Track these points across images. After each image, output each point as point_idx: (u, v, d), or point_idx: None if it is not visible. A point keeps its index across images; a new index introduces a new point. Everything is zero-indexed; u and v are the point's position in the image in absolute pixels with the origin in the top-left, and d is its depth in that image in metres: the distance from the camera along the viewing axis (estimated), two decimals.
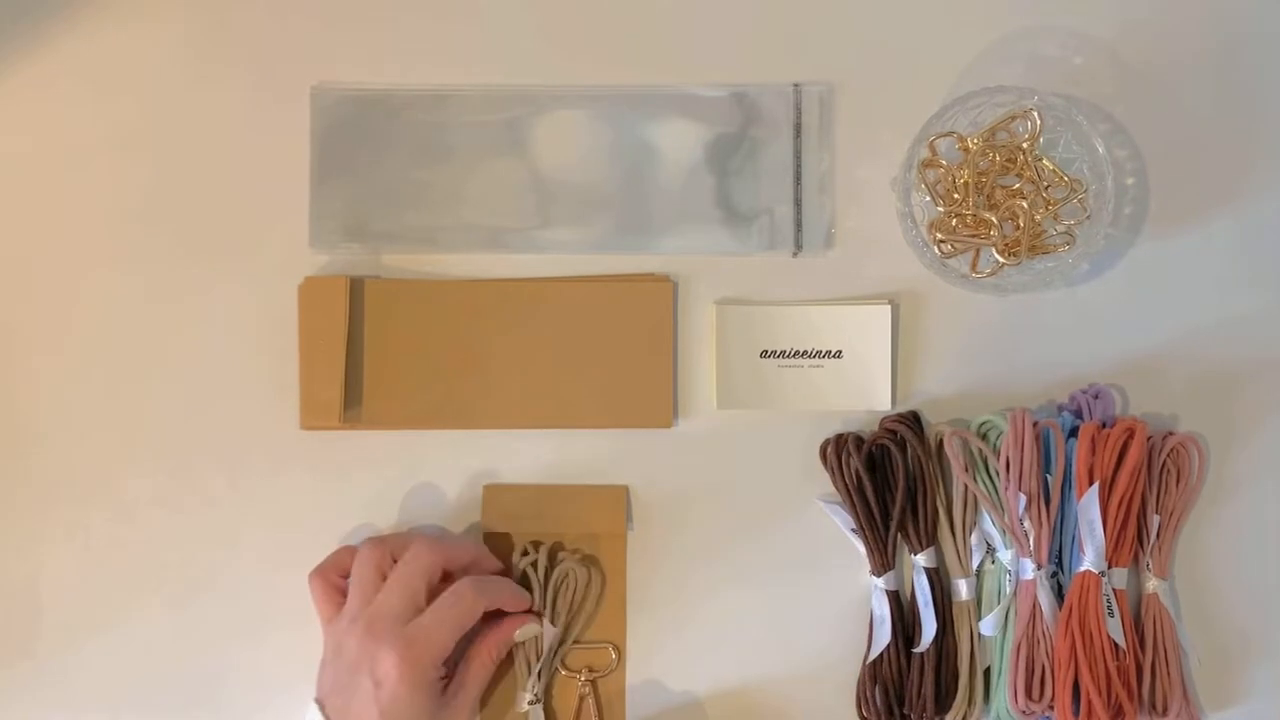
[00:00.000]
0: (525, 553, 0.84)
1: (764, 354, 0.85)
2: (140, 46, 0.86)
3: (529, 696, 0.82)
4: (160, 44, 0.86)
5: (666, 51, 0.87)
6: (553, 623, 0.83)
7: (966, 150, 0.83)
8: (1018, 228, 0.83)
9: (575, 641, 0.84)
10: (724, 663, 0.85)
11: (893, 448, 0.82)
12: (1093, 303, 0.86)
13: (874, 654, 0.82)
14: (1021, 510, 0.81)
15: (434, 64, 0.86)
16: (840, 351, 0.85)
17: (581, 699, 0.84)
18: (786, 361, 0.85)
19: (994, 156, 0.83)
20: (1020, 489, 0.81)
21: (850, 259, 0.86)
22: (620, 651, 0.84)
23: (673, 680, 0.85)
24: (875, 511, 0.82)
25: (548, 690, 0.84)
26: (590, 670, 0.84)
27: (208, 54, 0.86)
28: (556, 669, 0.84)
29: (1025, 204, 0.82)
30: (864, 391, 0.85)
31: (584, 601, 0.84)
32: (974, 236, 0.83)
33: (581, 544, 0.85)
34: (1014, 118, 0.83)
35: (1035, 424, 0.81)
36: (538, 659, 0.83)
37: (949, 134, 0.83)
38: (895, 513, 0.82)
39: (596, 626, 0.85)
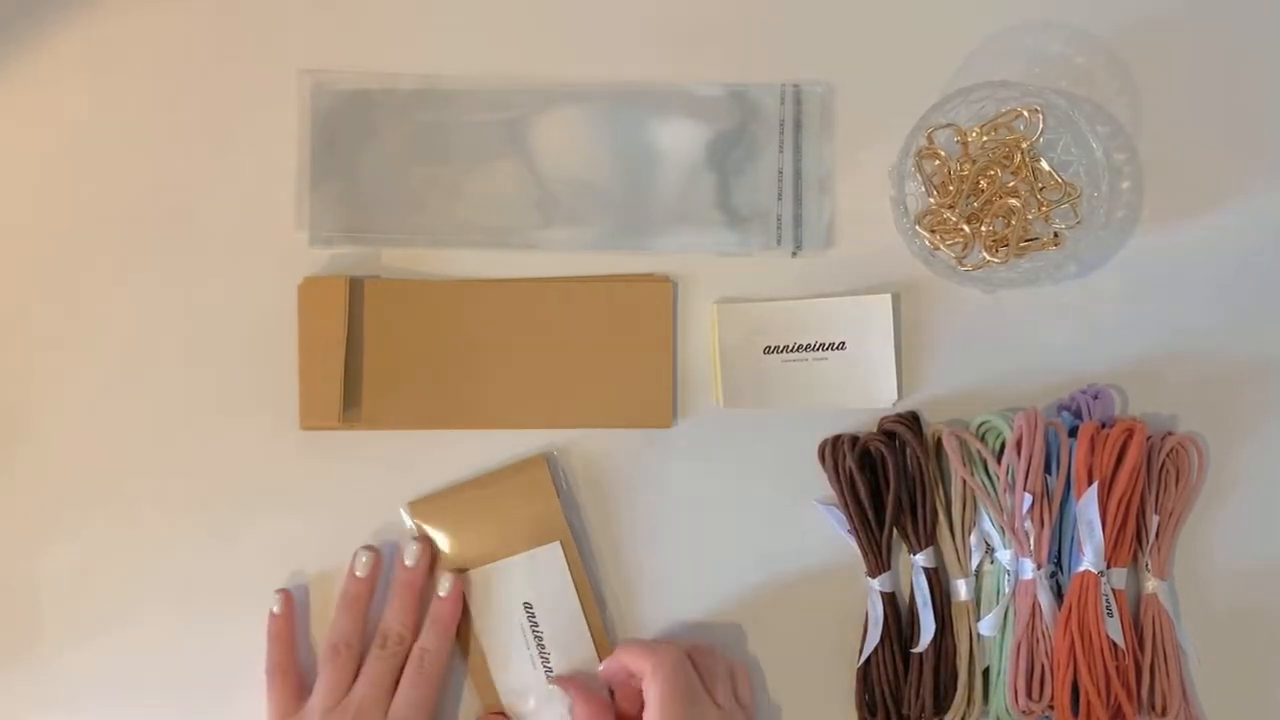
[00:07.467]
0: None
1: (767, 349, 0.85)
2: (137, 45, 0.86)
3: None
4: (157, 42, 0.86)
5: (666, 50, 0.86)
6: None
7: (965, 144, 0.83)
8: (1008, 225, 0.82)
9: None
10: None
11: (883, 449, 0.82)
12: (1093, 303, 0.86)
13: (865, 655, 0.82)
14: (1026, 509, 0.81)
15: (433, 62, 0.86)
16: (843, 343, 0.85)
17: None
18: (790, 356, 0.85)
19: (991, 152, 0.83)
20: (1026, 488, 0.81)
21: (850, 258, 0.86)
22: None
23: None
24: (869, 513, 0.82)
25: None
26: None
27: (205, 51, 0.86)
28: None
29: (1018, 203, 0.82)
30: (869, 385, 0.85)
31: None
32: (960, 230, 0.83)
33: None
34: (1015, 115, 0.83)
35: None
36: None
37: (948, 125, 0.83)
38: (888, 513, 0.82)
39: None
